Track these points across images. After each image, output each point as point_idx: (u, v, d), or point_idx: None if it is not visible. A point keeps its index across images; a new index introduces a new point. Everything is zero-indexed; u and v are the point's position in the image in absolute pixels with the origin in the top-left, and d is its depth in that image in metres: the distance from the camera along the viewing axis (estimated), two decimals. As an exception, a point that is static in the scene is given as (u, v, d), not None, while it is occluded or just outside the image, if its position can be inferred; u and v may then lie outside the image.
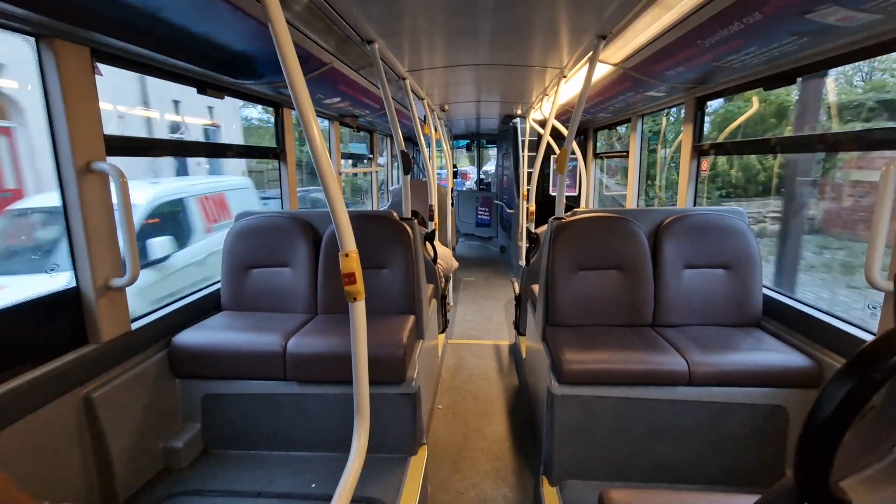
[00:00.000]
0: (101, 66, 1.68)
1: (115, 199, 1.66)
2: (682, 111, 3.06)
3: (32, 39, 1.45)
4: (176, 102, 9.03)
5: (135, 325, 1.86)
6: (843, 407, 0.46)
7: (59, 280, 2.30)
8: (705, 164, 3.04)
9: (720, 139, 3.37)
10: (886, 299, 1.61)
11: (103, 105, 1.62)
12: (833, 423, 0.47)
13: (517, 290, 3.85)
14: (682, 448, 1.94)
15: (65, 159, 1.53)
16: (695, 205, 3.01)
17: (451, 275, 4.61)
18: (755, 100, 3.94)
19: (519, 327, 3.76)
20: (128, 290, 1.78)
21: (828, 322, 1.88)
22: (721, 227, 2.28)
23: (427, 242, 3.27)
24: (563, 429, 1.98)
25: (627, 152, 4.34)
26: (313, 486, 1.84)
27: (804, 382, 1.83)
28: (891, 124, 4.10)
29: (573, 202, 5.44)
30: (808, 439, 0.49)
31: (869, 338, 1.71)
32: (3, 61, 4.99)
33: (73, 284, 1.64)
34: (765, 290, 2.28)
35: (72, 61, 1.50)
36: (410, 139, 7.41)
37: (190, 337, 2.03)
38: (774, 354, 1.90)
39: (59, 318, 1.59)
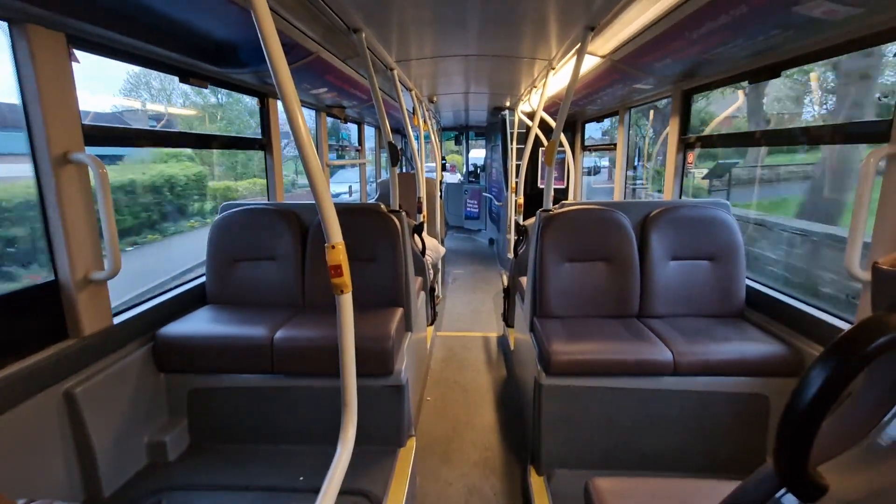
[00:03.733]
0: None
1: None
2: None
3: (5, 24, 1.39)
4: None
5: (117, 320, 1.82)
6: (821, 394, 0.47)
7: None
8: (691, 156, 3.07)
9: (706, 132, 3.40)
10: (864, 289, 1.65)
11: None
12: (811, 409, 0.47)
13: (505, 283, 3.87)
14: (668, 437, 1.98)
15: (40, 150, 1.48)
16: (680, 197, 3.04)
17: (440, 264, 4.59)
18: (741, 93, 3.99)
19: (507, 319, 3.78)
20: None
21: (807, 312, 1.92)
22: (706, 220, 2.31)
23: (415, 235, 3.25)
24: (550, 419, 2.00)
25: (615, 145, 4.36)
26: (301, 479, 1.84)
27: (784, 371, 1.87)
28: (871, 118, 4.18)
29: (561, 195, 5.46)
30: (786, 426, 0.50)
31: (847, 327, 1.75)
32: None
33: (52, 278, 1.60)
34: (748, 282, 2.31)
35: (47, 48, 1.45)
36: (399, 131, 7.35)
37: (174, 331, 1.99)
38: (756, 344, 1.94)
39: (37, 312, 1.55)
